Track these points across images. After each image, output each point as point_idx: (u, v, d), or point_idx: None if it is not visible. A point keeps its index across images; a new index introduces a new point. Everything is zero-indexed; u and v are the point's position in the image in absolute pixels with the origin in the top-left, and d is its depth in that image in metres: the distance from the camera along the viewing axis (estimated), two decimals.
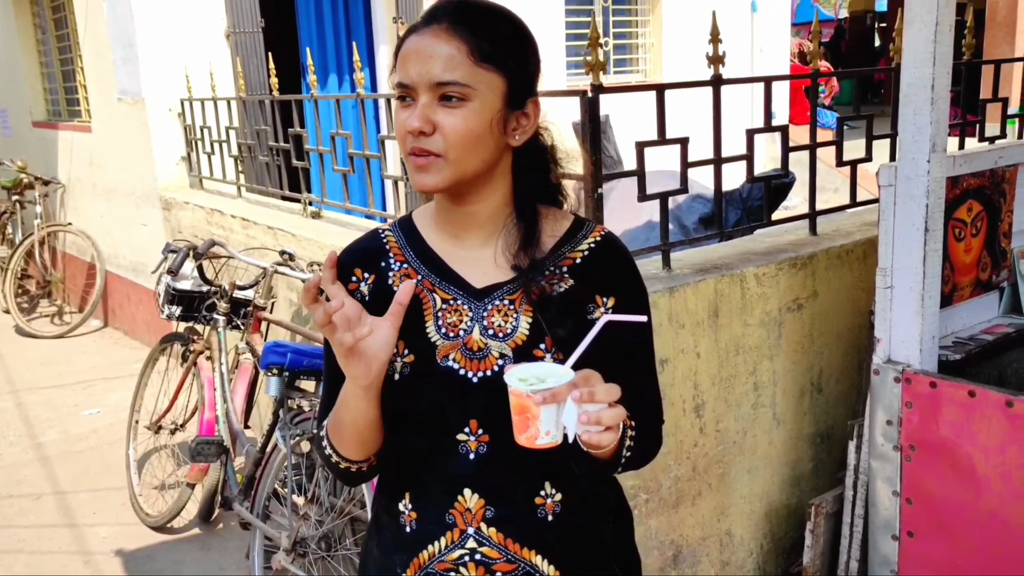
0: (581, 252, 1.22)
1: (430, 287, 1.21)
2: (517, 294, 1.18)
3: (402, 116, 1.13)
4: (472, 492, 1.17)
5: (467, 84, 1.10)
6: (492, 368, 1.15)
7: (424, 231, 1.26)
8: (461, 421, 1.16)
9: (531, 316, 1.17)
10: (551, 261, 1.20)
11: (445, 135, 1.10)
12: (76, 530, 3.62)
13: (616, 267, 1.23)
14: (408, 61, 1.11)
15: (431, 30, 1.11)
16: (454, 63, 1.09)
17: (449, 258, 1.22)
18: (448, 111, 1.10)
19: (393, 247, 1.26)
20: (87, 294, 6.80)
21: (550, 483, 1.18)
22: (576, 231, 1.24)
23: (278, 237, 3.81)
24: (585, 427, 1.00)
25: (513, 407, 1.02)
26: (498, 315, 1.18)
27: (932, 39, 2.05)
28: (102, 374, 5.54)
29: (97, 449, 4.39)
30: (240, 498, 3.08)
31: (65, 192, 7.27)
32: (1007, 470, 2.02)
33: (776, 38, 8.91)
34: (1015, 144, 2.73)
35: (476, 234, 1.22)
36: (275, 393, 2.78)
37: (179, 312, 3.39)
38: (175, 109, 5.30)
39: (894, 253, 2.21)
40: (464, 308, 1.19)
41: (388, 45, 6.26)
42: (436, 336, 1.18)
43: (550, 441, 1.01)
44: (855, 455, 2.42)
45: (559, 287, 1.18)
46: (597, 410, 1.00)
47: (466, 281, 1.20)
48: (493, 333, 1.17)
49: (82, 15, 5.99)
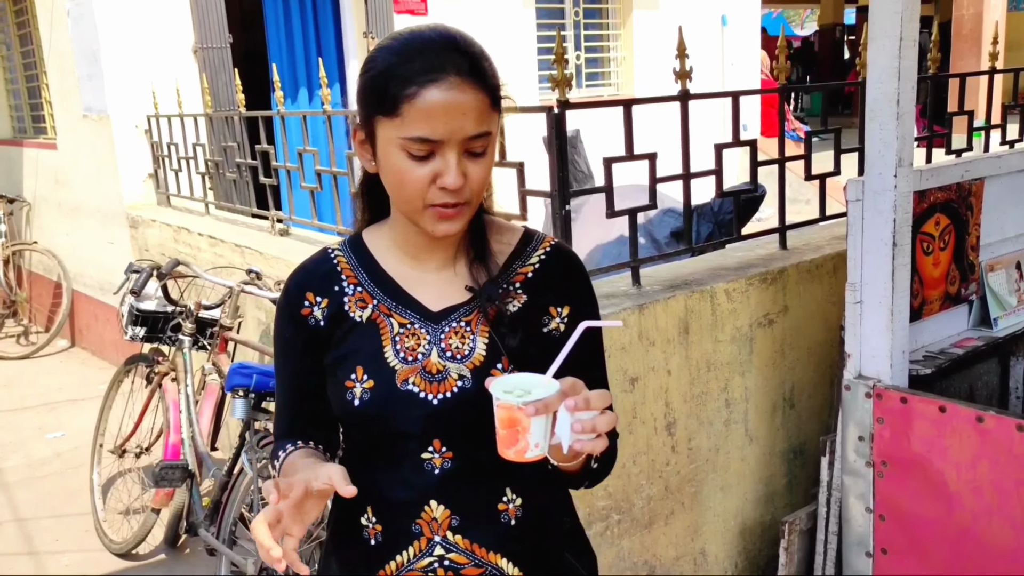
0: (532, 266, 1.23)
1: (386, 311, 1.21)
2: (473, 315, 1.20)
3: (421, 171, 1.10)
4: (438, 503, 1.18)
5: (490, 132, 1.12)
6: (451, 390, 1.16)
7: (377, 252, 1.25)
8: (425, 441, 1.17)
9: (487, 336, 1.18)
10: (504, 278, 1.21)
11: (472, 184, 1.12)
12: (38, 558, 3.52)
13: (567, 276, 1.25)
14: (435, 117, 1.07)
15: (451, 83, 1.08)
16: (483, 116, 1.10)
17: (405, 281, 1.22)
18: (476, 161, 1.12)
19: (345, 269, 1.24)
20: (53, 314, 6.67)
21: (511, 489, 1.20)
22: (526, 244, 1.25)
23: (245, 255, 3.75)
24: (578, 436, 0.99)
25: (500, 421, 1.00)
26: (455, 337, 1.19)
27: (896, 54, 2.05)
28: (67, 396, 5.42)
29: (60, 474, 4.28)
30: (206, 523, 3.01)
31: (31, 210, 7.15)
32: (978, 485, 2.01)
33: (746, 52, 8.97)
34: (981, 157, 2.74)
35: (437, 257, 1.22)
36: (241, 415, 2.72)
37: (143, 333, 3.32)
38: (141, 126, 5.23)
39: (863, 268, 2.20)
40: (421, 332, 1.19)
41: (358, 60, 6.23)
42: (395, 360, 1.18)
43: (539, 453, 1.00)
44: (828, 471, 2.40)
45: (513, 304, 1.20)
46: (591, 417, 0.99)
47: (422, 304, 1.21)
48: (451, 355, 1.18)
49: (47, 31, 5.91)
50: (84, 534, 3.63)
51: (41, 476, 4.28)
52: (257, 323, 3.66)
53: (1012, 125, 3.57)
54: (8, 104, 7.67)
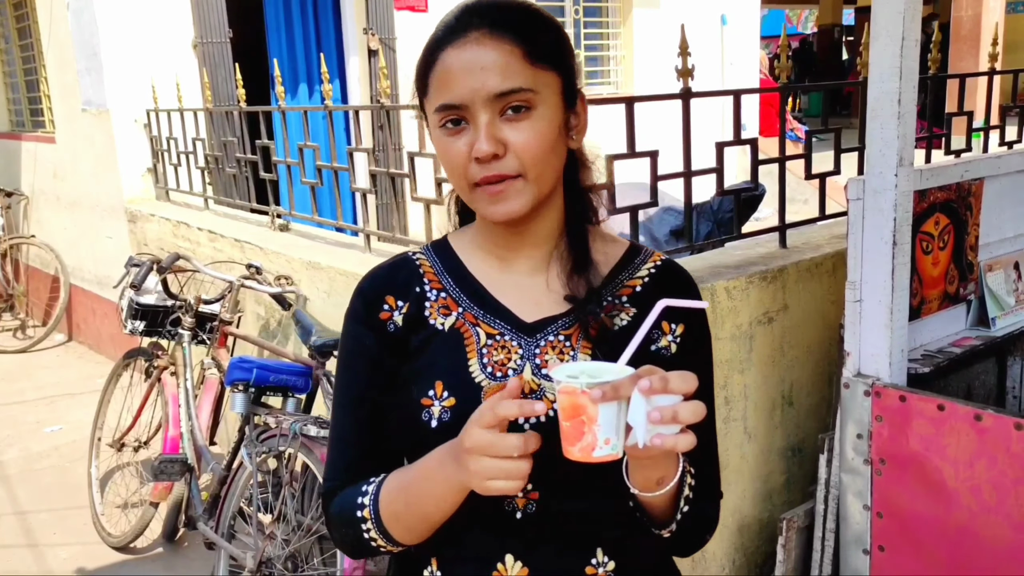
0: (641, 279, 1.09)
1: (473, 320, 1.07)
2: (573, 329, 1.05)
3: (456, 144, 0.98)
4: (515, 560, 1.01)
5: (530, 88, 0.97)
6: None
7: (463, 255, 1.12)
8: None
9: (590, 353, 1.03)
10: (609, 290, 1.07)
11: (519, 152, 0.97)
12: (36, 551, 3.52)
13: (682, 291, 1.10)
14: (453, 79, 0.97)
15: (470, 39, 0.97)
16: (510, 69, 0.96)
17: (493, 287, 1.09)
18: (515, 125, 0.97)
19: (428, 272, 1.11)
20: (51, 308, 6.67)
21: (602, 550, 1.03)
22: (632, 256, 1.12)
23: (245, 250, 3.75)
24: (657, 427, 0.82)
25: (563, 409, 0.84)
26: (552, 352, 1.04)
27: (898, 54, 2.06)
28: (65, 390, 5.43)
29: (59, 467, 4.29)
30: (205, 517, 3.01)
31: (28, 204, 7.15)
32: (976, 484, 2.02)
33: (746, 51, 8.99)
34: (981, 158, 2.75)
35: (526, 257, 1.08)
36: (241, 410, 2.73)
37: (143, 327, 3.33)
38: (141, 120, 5.22)
39: (863, 267, 2.21)
40: (512, 344, 1.05)
41: (358, 56, 6.23)
42: (481, 376, 1.03)
43: (610, 452, 0.84)
44: (826, 469, 2.41)
45: (620, 319, 1.06)
46: (672, 403, 0.82)
47: (514, 314, 1.06)
48: (547, 374, 1.02)
49: (46, 25, 5.90)
50: (82, 527, 3.63)
51: (39, 469, 4.29)
52: (256, 318, 3.67)
53: (1011, 127, 3.58)
54: (6, 97, 7.66)
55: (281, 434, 2.57)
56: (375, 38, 6.04)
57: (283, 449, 2.62)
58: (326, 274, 3.16)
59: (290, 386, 2.78)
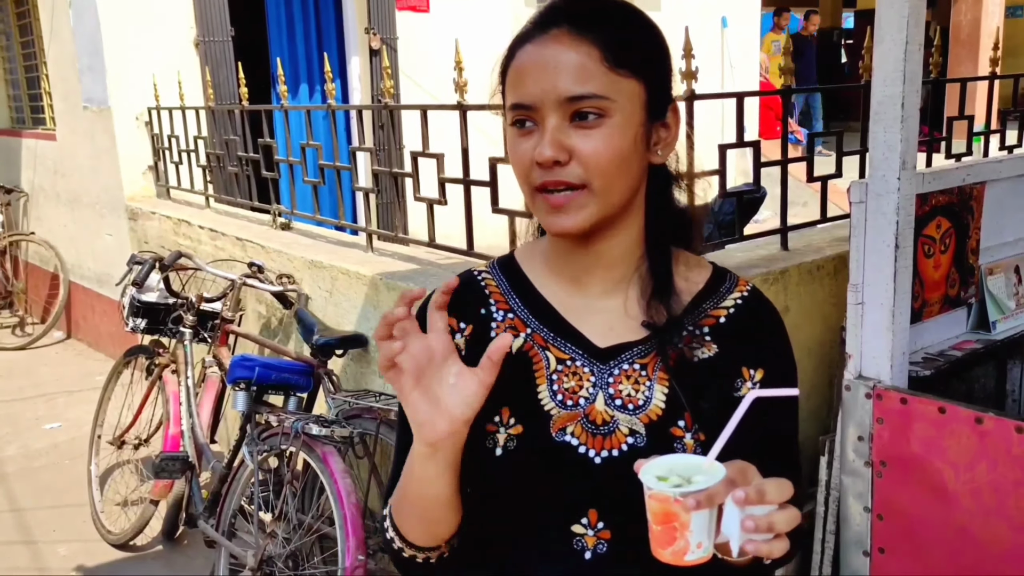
0: (726, 310, 1.01)
1: (542, 343, 1.00)
2: (649, 357, 0.98)
3: (523, 146, 0.93)
4: None
5: (605, 96, 0.90)
6: (620, 447, 0.94)
7: (531, 274, 1.05)
8: (578, 510, 0.95)
9: (667, 386, 0.97)
10: (691, 319, 1.00)
11: (585, 161, 0.91)
12: (35, 547, 3.52)
13: (767, 331, 1.03)
14: (526, 76, 0.92)
15: (550, 37, 0.91)
16: (586, 72, 0.90)
17: (564, 309, 1.01)
18: (585, 132, 0.90)
19: (494, 292, 1.04)
20: (50, 305, 6.67)
21: None
22: (718, 284, 1.04)
23: (247, 249, 3.76)
24: (750, 536, 0.79)
25: (654, 515, 0.81)
26: (627, 382, 0.97)
27: (902, 57, 2.07)
28: (64, 387, 5.42)
29: (58, 465, 4.29)
30: (205, 515, 3.02)
31: (28, 201, 7.14)
32: (977, 486, 2.03)
33: (746, 54, 9.00)
34: (982, 162, 2.76)
35: (601, 279, 1.01)
36: (242, 408, 2.73)
37: (144, 325, 3.33)
38: (142, 118, 5.22)
39: (865, 269, 2.22)
40: (584, 371, 0.98)
41: (360, 56, 6.23)
42: (551, 404, 0.97)
43: (701, 555, 0.80)
44: (826, 471, 2.42)
45: (701, 352, 0.99)
46: (766, 513, 0.79)
47: (586, 338, 0.99)
48: (621, 404, 0.96)
49: (47, 22, 5.90)
50: (81, 525, 3.63)
51: (38, 467, 4.28)
52: (258, 316, 3.67)
53: (1011, 131, 3.59)
54: (7, 94, 7.66)
55: (283, 433, 2.57)
56: (376, 38, 6.04)
57: (284, 448, 2.62)
58: (328, 273, 3.16)
59: (292, 384, 2.78)
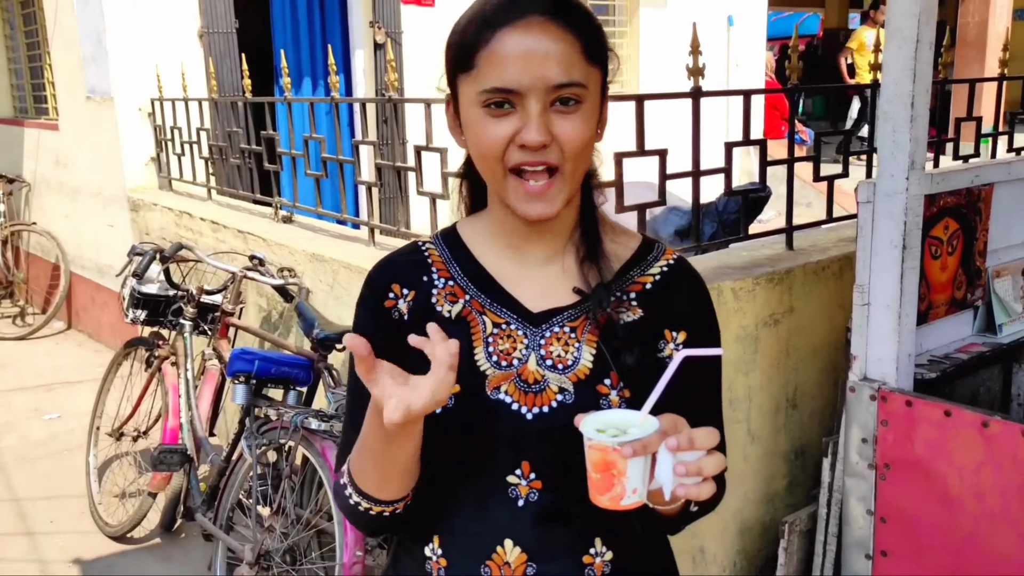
0: (652, 277, 1.09)
1: (479, 308, 1.07)
2: (579, 321, 1.05)
3: (501, 127, 0.96)
4: (514, 544, 1.02)
5: (584, 84, 0.97)
6: (549, 404, 1.02)
7: (473, 245, 1.11)
8: (512, 462, 1.02)
9: (595, 347, 1.04)
10: (618, 285, 1.07)
11: (564, 144, 0.97)
12: (32, 538, 3.51)
13: (689, 297, 1.10)
14: (510, 62, 0.94)
15: (533, 24, 0.95)
16: (571, 62, 0.96)
17: (502, 277, 1.08)
18: (564, 117, 0.97)
19: (436, 261, 1.11)
20: (51, 295, 6.65)
21: (601, 540, 1.04)
22: (646, 252, 1.11)
23: (248, 241, 3.74)
24: (681, 480, 0.87)
25: (593, 464, 0.88)
26: (557, 344, 1.04)
27: (912, 56, 2.05)
28: (64, 377, 5.41)
29: (56, 455, 4.27)
30: (203, 508, 3.00)
31: (30, 191, 7.12)
32: (982, 490, 2.01)
33: (752, 52, 8.97)
34: (991, 163, 2.74)
35: (540, 247, 1.08)
36: (242, 401, 2.72)
37: (144, 316, 3.31)
38: (145, 109, 5.20)
39: (871, 270, 2.20)
40: (518, 334, 1.05)
41: (364, 49, 6.21)
42: (486, 365, 1.04)
43: (636, 500, 0.88)
44: (829, 473, 2.40)
45: (627, 316, 1.06)
46: (696, 459, 0.87)
47: (521, 303, 1.07)
48: (552, 364, 1.03)
49: (51, 11, 5.87)
50: (79, 516, 3.62)
51: (37, 457, 4.27)
52: (258, 309, 3.65)
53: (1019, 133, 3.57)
54: (10, 83, 7.64)
55: (282, 427, 2.56)
56: (381, 31, 6.02)
57: (284, 442, 2.61)
58: (329, 267, 3.15)
59: (292, 378, 2.77)
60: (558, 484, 1.01)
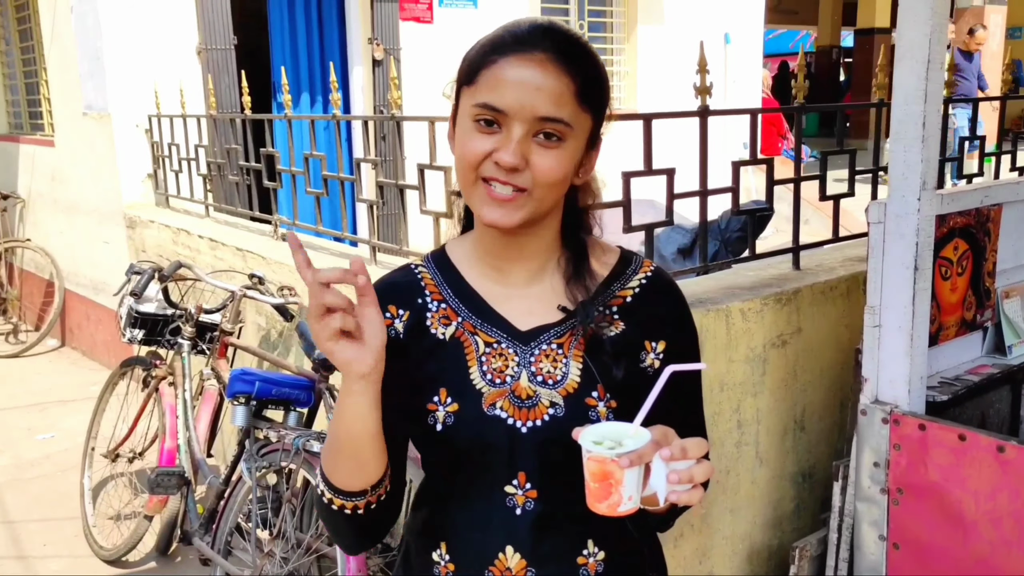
0: (631, 290, 1.15)
1: (472, 329, 1.13)
2: (565, 337, 1.12)
3: (483, 141, 1.03)
4: (515, 551, 1.09)
5: (569, 124, 1.03)
6: (542, 417, 1.08)
7: (461, 266, 1.17)
8: (509, 473, 1.09)
9: (581, 361, 1.10)
10: (601, 301, 1.13)
11: (537, 174, 1.03)
12: (25, 561, 3.45)
13: (667, 308, 1.17)
14: (505, 86, 1.02)
15: (535, 59, 1.02)
16: (562, 100, 1.02)
17: (490, 297, 1.14)
18: (544, 150, 1.03)
19: (428, 284, 1.17)
20: (44, 312, 6.60)
21: (593, 541, 1.11)
22: (625, 266, 1.17)
23: (247, 259, 3.70)
24: (673, 487, 0.94)
25: (592, 474, 0.94)
26: (546, 360, 1.11)
27: (924, 76, 2.03)
28: (58, 396, 5.35)
29: (50, 476, 4.21)
30: (201, 532, 2.95)
31: (25, 207, 7.08)
32: (997, 516, 1.98)
33: (748, 70, 8.99)
34: (1000, 183, 2.72)
35: (522, 268, 1.14)
36: (241, 423, 2.67)
37: (141, 335, 3.27)
38: (142, 125, 5.17)
39: (883, 291, 2.17)
40: (509, 352, 1.11)
41: (363, 66, 6.20)
42: (481, 383, 1.10)
43: (632, 507, 0.94)
44: (840, 497, 2.36)
45: (610, 330, 1.12)
46: (687, 467, 0.94)
47: (509, 323, 1.13)
48: (542, 380, 1.10)
49: (48, 26, 5.85)
50: (73, 539, 3.56)
51: (30, 478, 4.21)
52: (257, 328, 3.61)
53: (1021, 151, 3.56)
54: (5, 99, 7.60)
55: (283, 449, 2.51)
56: (380, 48, 6.01)
57: (284, 464, 2.56)
58: None
59: (292, 400, 2.72)
60: (552, 493, 1.09)
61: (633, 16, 8.07)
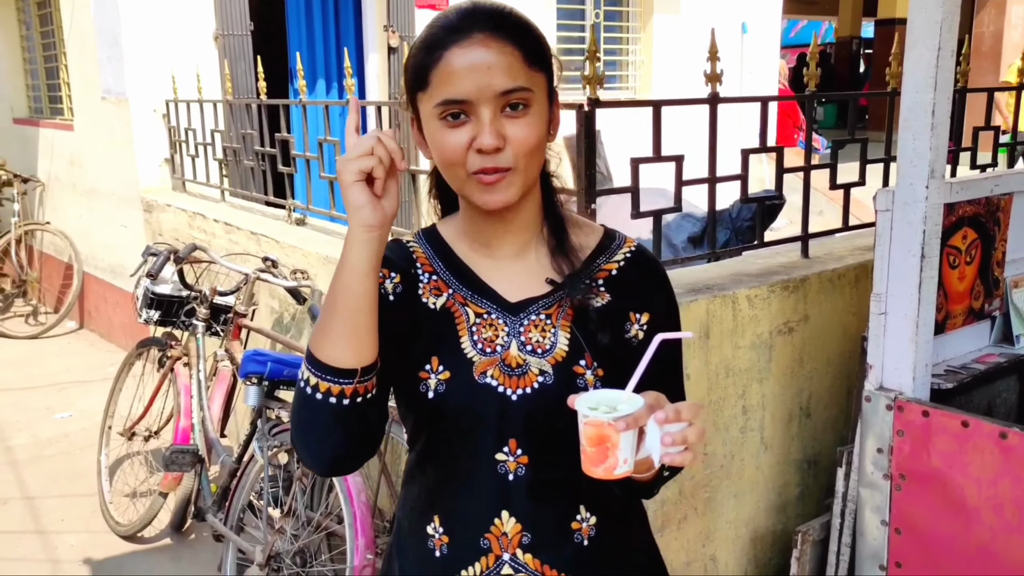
0: (616, 263, 1.19)
1: (462, 301, 1.16)
2: (553, 308, 1.15)
3: (458, 136, 1.06)
4: (509, 515, 1.12)
5: (529, 88, 1.06)
6: (532, 385, 1.11)
7: (451, 242, 1.21)
8: (500, 440, 1.12)
9: (569, 331, 1.14)
10: (587, 273, 1.17)
11: (515, 147, 1.06)
12: (44, 537, 3.52)
13: (650, 281, 1.21)
14: (458, 76, 1.04)
15: (475, 40, 1.05)
16: (514, 69, 1.05)
17: (480, 270, 1.18)
18: (514, 121, 1.06)
19: (420, 257, 1.20)
20: (63, 295, 6.68)
21: (584, 507, 1.15)
22: (609, 242, 1.21)
23: (261, 243, 3.74)
24: (668, 449, 0.96)
25: (589, 438, 0.97)
26: (535, 330, 1.14)
27: (934, 64, 2.03)
28: (76, 377, 5.43)
29: (68, 454, 4.28)
30: (214, 509, 3.00)
31: (44, 191, 7.16)
32: (999, 502, 1.99)
33: (765, 60, 8.94)
34: (1011, 173, 2.72)
35: (509, 243, 1.18)
36: (254, 403, 2.72)
37: (157, 316, 3.32)
38: (160, 110, 5.22)
39: (889, 279, 2.18)
40: (499, 323, 1.15)
41: (378, 52, 6.22)
42: (472, 352, 1.13)
43: (627, 469, 0.97)
44: (843, 483, 2.38)
45: (596, 301, 1.16)
46: (680, 430, 0.96)
47: (499, 294, 1.16)
48: (532, 349, 1.13)
49: (68, 12, 5.91)
50: (90, 515, 3.63)
51: (48, 456, 4.28)
52: (270, 311, 3.65)
53: None
54: (26, 84, 7.68)
55: None
56: (395, 35, 6.03)
57: None
58: None
59: None
60: (543, 458, 1.11)
61: (649, 5, 8.04)
